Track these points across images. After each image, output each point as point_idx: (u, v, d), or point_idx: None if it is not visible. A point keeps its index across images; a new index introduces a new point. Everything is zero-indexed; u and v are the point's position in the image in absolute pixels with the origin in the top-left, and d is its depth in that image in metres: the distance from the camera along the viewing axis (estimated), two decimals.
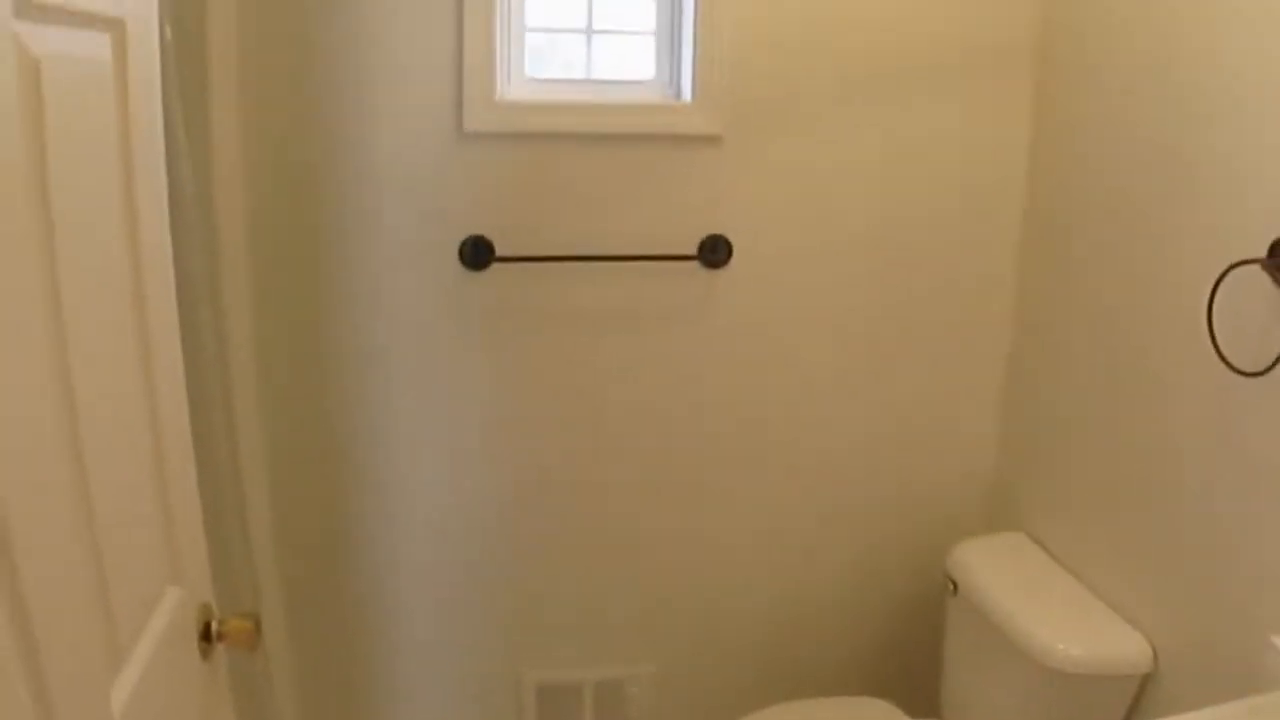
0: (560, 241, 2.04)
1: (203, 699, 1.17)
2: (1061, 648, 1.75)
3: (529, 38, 2.08)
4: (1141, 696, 1.78)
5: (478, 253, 2.01)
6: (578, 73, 2.14)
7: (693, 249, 2.10)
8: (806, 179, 2.11)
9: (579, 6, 2.10)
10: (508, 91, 2.03)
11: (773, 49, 2.03)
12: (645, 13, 2.10)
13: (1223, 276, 1.51)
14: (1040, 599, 1.90)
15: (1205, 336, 1.55)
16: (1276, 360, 1.42)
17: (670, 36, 2.10)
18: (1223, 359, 1.52)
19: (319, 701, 2.24)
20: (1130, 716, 1.80)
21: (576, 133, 2.01)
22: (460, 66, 1.93)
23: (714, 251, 2.10)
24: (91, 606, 0.87)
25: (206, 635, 1.15)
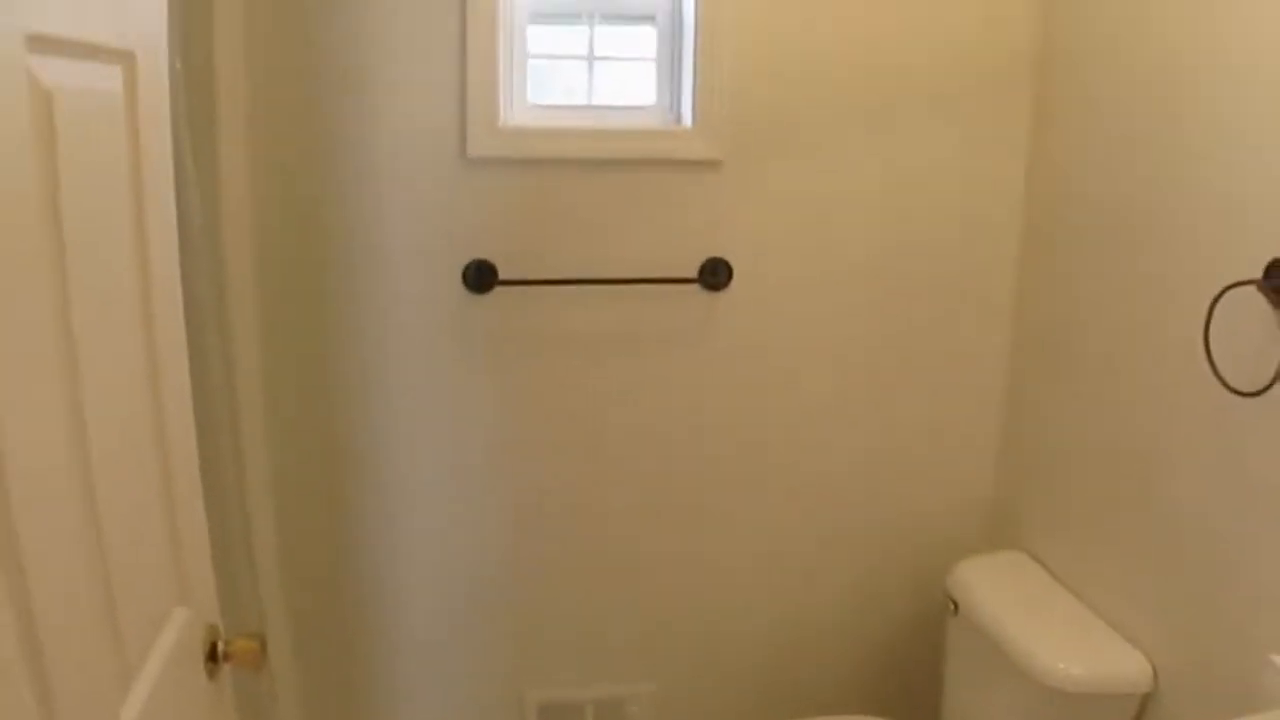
0: (562, 265, 2.07)
1: (209, 718, 1.19)
2: (1062, 667, 1.76)
3: (531, 63, 2.11)
4: (1142, 715, 1.79)
5: (481, 276, 2.03)
6: (579, 97, 2.16)
7: (693, 272, 2.12)
8: (806, 203, 2.13)
9: (581, 34, 2.13)
10: (511, 117, 2.06)
11: (772, 76, 2.06)
12: (646, 39, 2.13)
13: (1219, 297, 1.52)
14: (1041, 618, 1.91)
15: (1202, 357, 1.56)
16: (1273, 380, 1.43)
17: (671, 63, 2.13)
18: (1220, 379, 1.53)
19: None
20: None
21: (578, 158, 2.04)
22: (464, 93, 1.96)
23: (714, 274, 2.12)
24: (101, 627, 0.88)
25: (213, 655, 1.16)
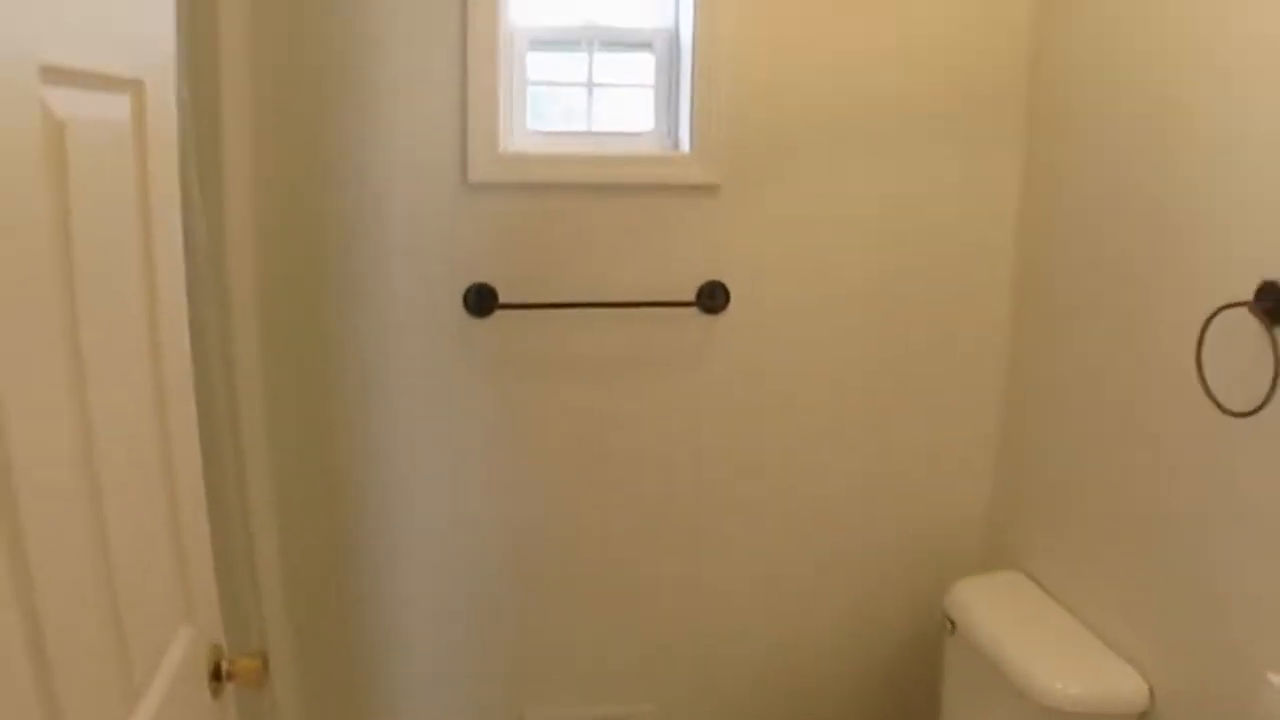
0: (562, 289, 2.09)
1: None
2: (1059, 686, 1.77)
3: (531, 90, 2.14)
4: None
5: (481, 300, 2.06)
6: (578, 122, 2.19)
7: (691, 295, 2.14)
8: (802, 227, 2.16)
9: (580, 61, 2.16)
10: (511, 143, 2.09)
11: (768, 102, 2.09)
12: (644, 66, 2.16)
13: (1211, 319, 1.54)
14: (1038, 638, 1.92)
15: (1195, 378, 1.58)
16: (1266, 400, 1.45)
17: (668, 89, 2.16)
18: (1213, 400, 1.55)
19: None
20: None
21: (578, 183, 2.07)
22: (465, 119, 1.99)
23: (712, 298, 2.14)
24: (109, 647, 0.90)
25: (217, 674, 1.17)
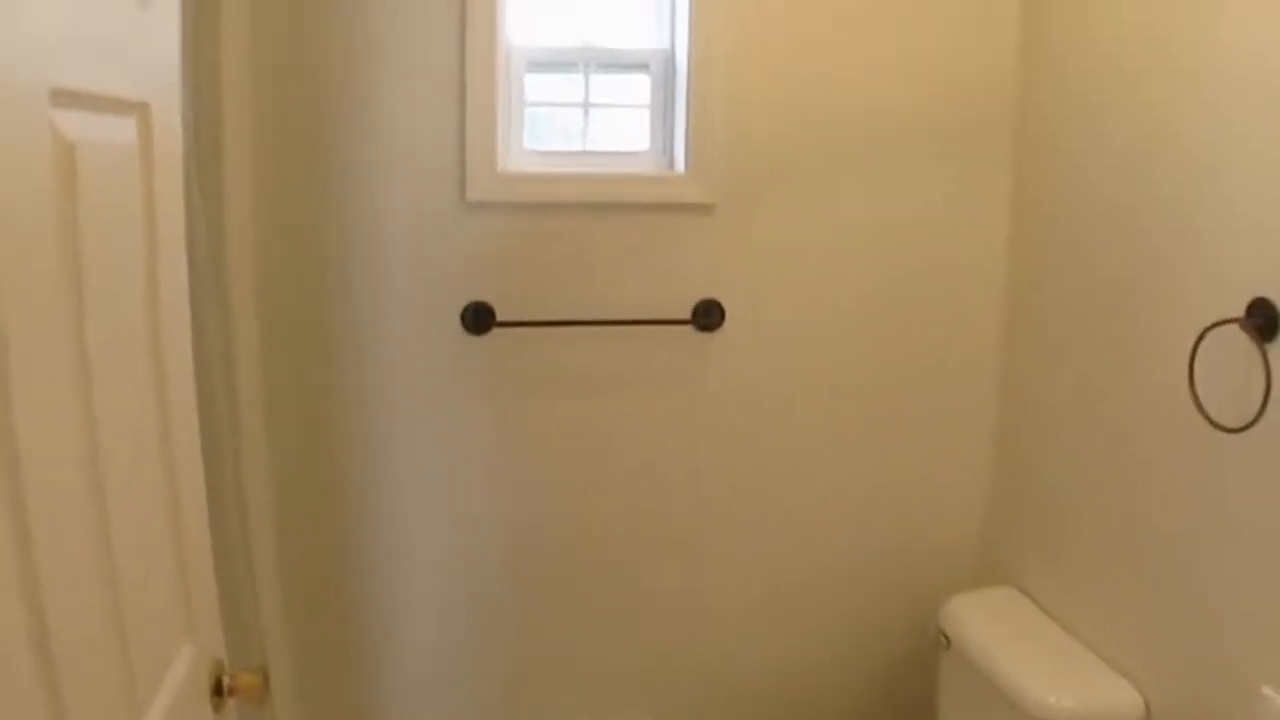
0: (558, 307, 2.11)
1: None
2: (1054, 700, 1.78)
3: (528, 110, 2.16)
4: None
5: (479, 318, 2.07)
6: (575, 142, 2.22)
7: (686, 313, 2.16)
8: (797, 247, 2.18)
9: (576, 82, 2.19)
10: (508, 163, 2.11)
11: (763, 123, 2.12)
12: (640, 87, 2.19)
13: (1203, 336, 1.56)
14: (1032, 652, 1.93)
15: (1187, 394, 1.59)
16: (1257, 416, 1.46)
17: (664, 110, 2.18)
18: (1205, 416, 1.56)
19: None
20: None
21: (574, 202, 2.09)
22: (464, 139, 2.02)
23: (707, 316, 2.16)
24: (114, 663, 0.90)
25: (218, 690, 1.18)
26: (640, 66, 2.19)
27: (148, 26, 1.05)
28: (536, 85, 2.16)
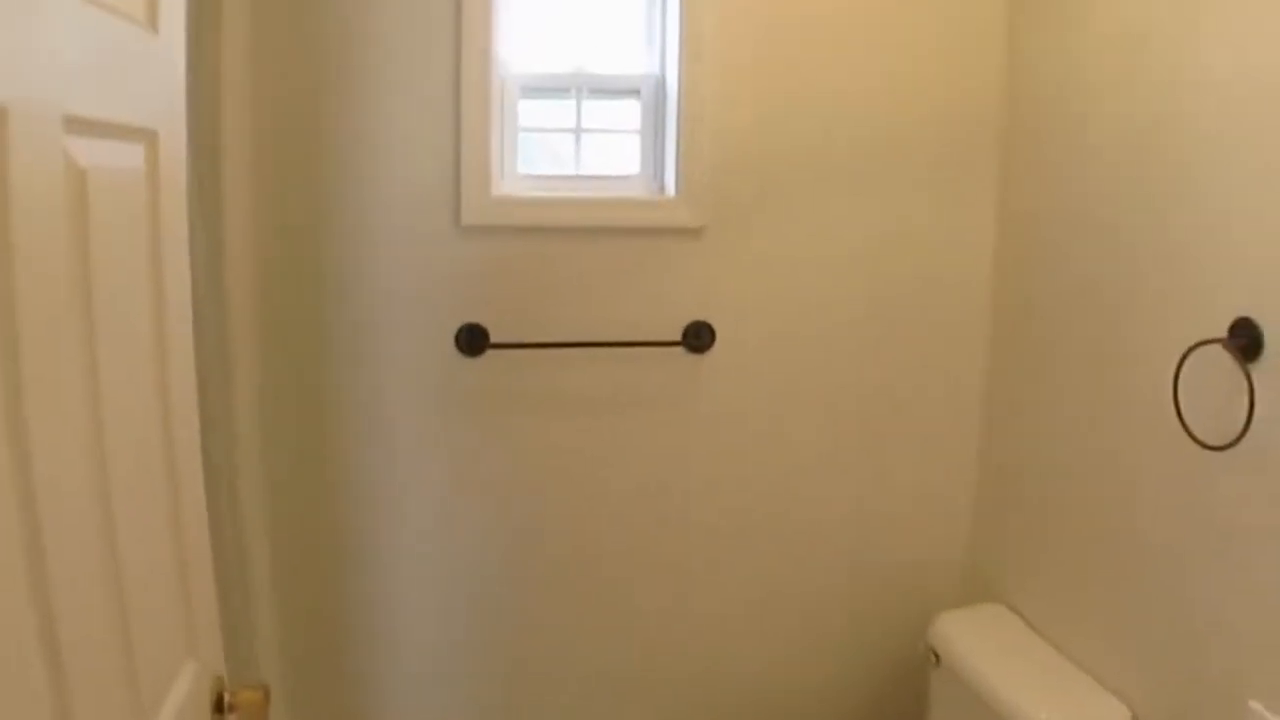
0: (551, 329, 2.13)
1: None
2: (1045, 717, 1.79)
3: (521, 135, 2.18)
4: None
5: (473, 339, 2.10)
6: (566, 165, 2.25)
7: (677, 335, 2.19)
8: (785, 269, 2.21)
9: (568, 107, 2.22)
10: (502, 187, 2.13)
11: (752, 147, 2.15)
12: (630, 113, 2.22)
13: (1186, 355, 1.58)
14: (1021, 669, 1.94)
15: (1172, 413, 1.61)
16: (1241, 434, 1.48)
17: (654, 135, 2.22)
18: (1190, 434, 1.58)
19: None
20: None
21: (567, 226, 2.12)
22: (458, 164, 2.05)
23: (698, 337, 2.19)
24: (122, 681, 0.92)
25: (219, 706, 1.19)
26: (631, 92, 2.22)
27: (157, 53, 1.08)
28: (529, 110, 2.19)
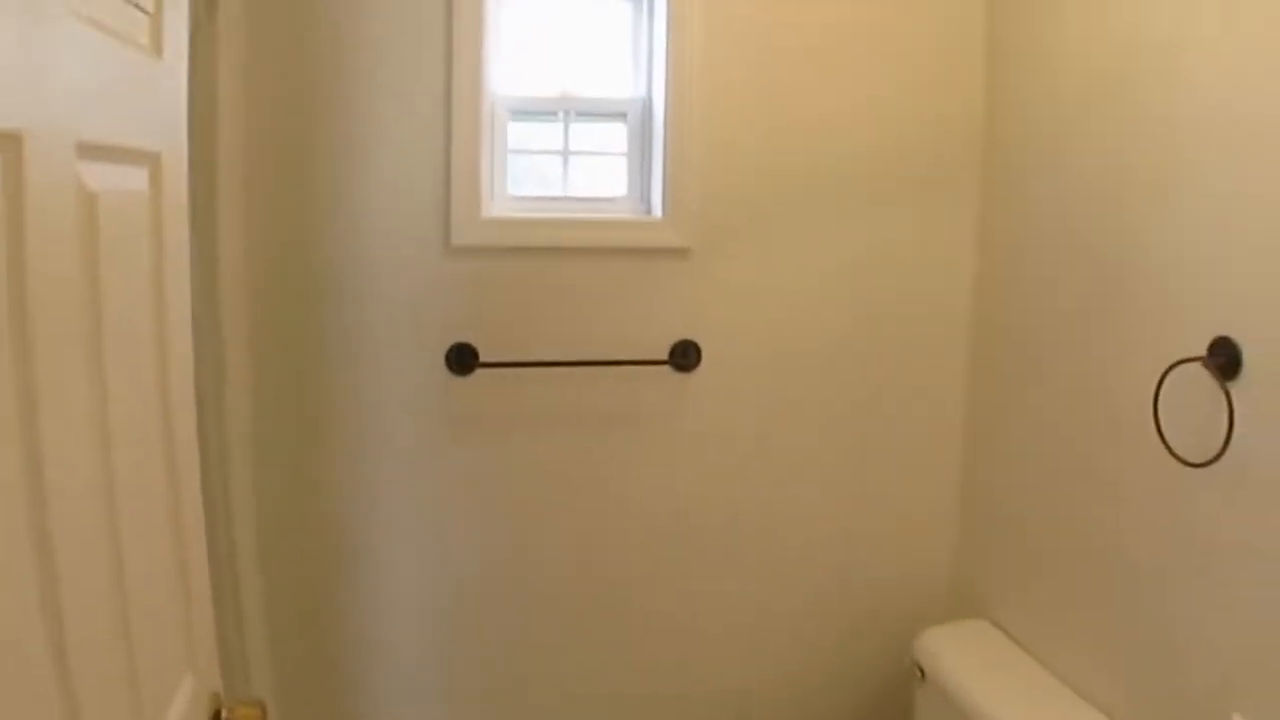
0: (540, 348, 2.16)
1: None
2: None
3: (510, 157, 2.22)
4: None
5: (463, 359, 2.12)
6: (554, 186, 2.28)
7: (664, 354, 2.21)
8: (770, 289, 2.24)
9: (556, 130, 2.25)
10: (492, 209, 2.16)
11: (737, 169, 2.19)
12: (618, 135, 2.26)
13: (1166, 374, 1.60)
14: (1006, 684, 1.96)
15: (1153, 430, 1.63)
16: (1221, 451, 1.50)
17: (641, 157, 2.25)
18: (1170, 451, 1.60)
19: None
20: None
21: (555, 246, 2.15)
22: (449, 186, 2.08)
23: (684, 356, 2.22)
24: (126, 697, 0.93)
25: None
26: (618, 115, 2.26)
27: (161, 78, 1.10)
28: (518, 133, 2.22)
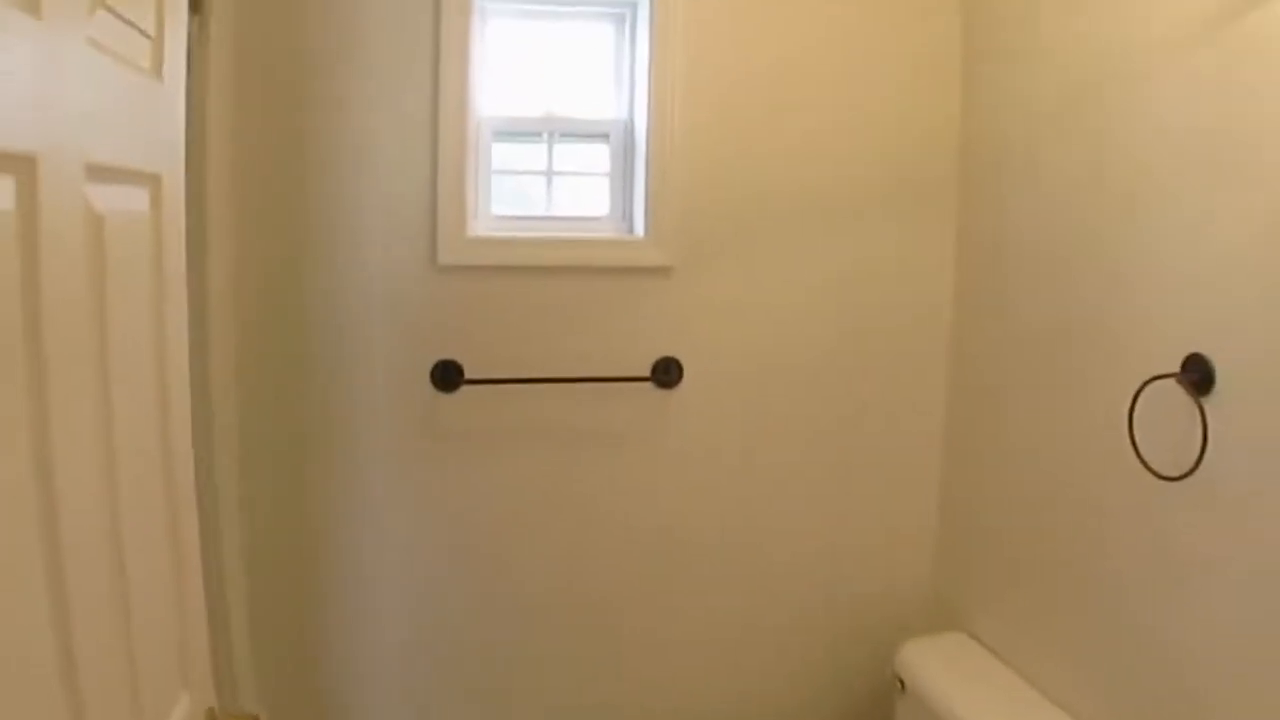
0: (524, 365, 2.18)
1: None
2: None
3: (494, 177, 2.24)
4: None
5: (448, 375, 2.14)
6: (538, 206, 2.31)
7: (646, 371, 2.24)
8: (751, 306, 2.28)
9: (540, 150, 2.28)
10: (477, 228, 2.19)
11: (718, 188, 2.23)
12: (600, 156, 2.29)
13: (1141, 390, 1.63)
14: (986, 695, 1.99)
15: (1128, 444, 1.66)
16: (1195, 465, 1.53)
17: (623, 177, 2.29)
18: (1145, 466, 1.63)
19: None
20: None
21: (539, 265, 2.18)
22: (435, 206, 2.10)
23: (666, 373, 2.25)
24: (128, 712, 0.95)
25: None
26: (601, 136, 2.29)
27: (161, 101, 1.12)
28: (501, 153, 2.25)
